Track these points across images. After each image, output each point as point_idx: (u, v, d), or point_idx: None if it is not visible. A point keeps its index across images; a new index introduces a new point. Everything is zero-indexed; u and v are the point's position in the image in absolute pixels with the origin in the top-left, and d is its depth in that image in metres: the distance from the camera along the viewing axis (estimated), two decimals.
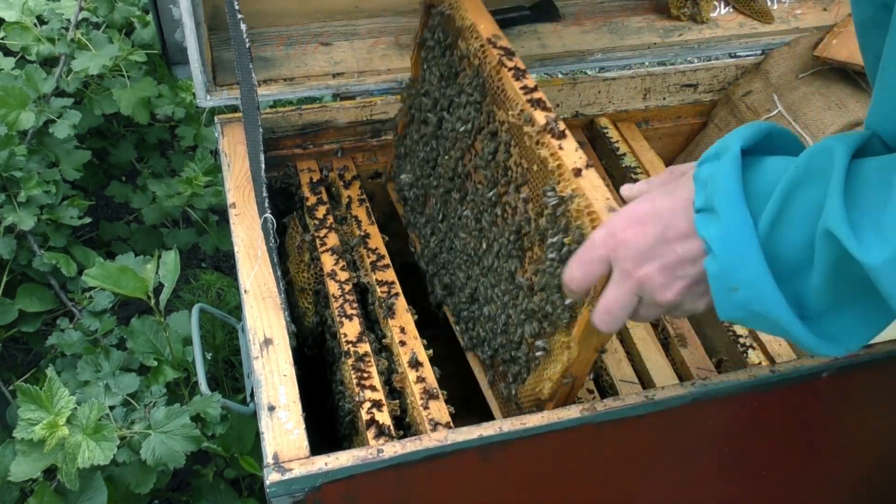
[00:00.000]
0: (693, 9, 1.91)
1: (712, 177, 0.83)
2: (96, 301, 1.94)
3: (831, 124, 1.69)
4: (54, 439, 1.36)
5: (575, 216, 1.09)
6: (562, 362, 1.15)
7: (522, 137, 1.22)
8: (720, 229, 0.81)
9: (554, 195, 1.13)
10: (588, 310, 1.06)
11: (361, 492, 1.11)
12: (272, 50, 1.76)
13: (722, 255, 0.81)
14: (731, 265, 0.81)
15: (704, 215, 0.84)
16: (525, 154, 1.22)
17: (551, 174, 1.15)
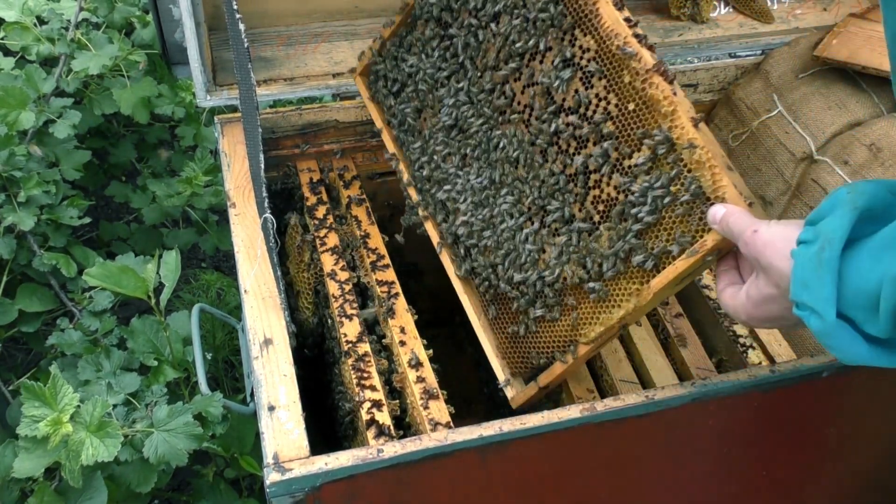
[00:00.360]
0: (693, 9, 1.91)
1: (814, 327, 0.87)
2: (96, 301, 1.94)
3: (831, 124, 1.69)
4: (58, 436, 1.36)
5: (693, 167, 1.07)
6: (626, 308, 1.15)
7: (620, 72, 1.16)
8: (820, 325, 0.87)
9: (664, 140, 1.10)
10: (686, 262, 1.07)
11: (361, 492, 1.11)
12: (272, 50, 1.76)
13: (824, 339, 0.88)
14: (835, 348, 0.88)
15: (805, 311, 0.88)
16: (618, 90, 1.16)
17: (662, 117, 1.11)
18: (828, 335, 0.85)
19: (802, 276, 0.86)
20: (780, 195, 1.74)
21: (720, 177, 1.06)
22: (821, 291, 0.84)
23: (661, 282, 1.11)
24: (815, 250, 0.85)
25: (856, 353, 0.86)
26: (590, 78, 1.20)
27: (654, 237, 1.13)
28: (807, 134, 1.71)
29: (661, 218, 1.12)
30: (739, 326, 1.50)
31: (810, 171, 1.68)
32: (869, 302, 0.81)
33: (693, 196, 1.07)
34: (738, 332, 1.49)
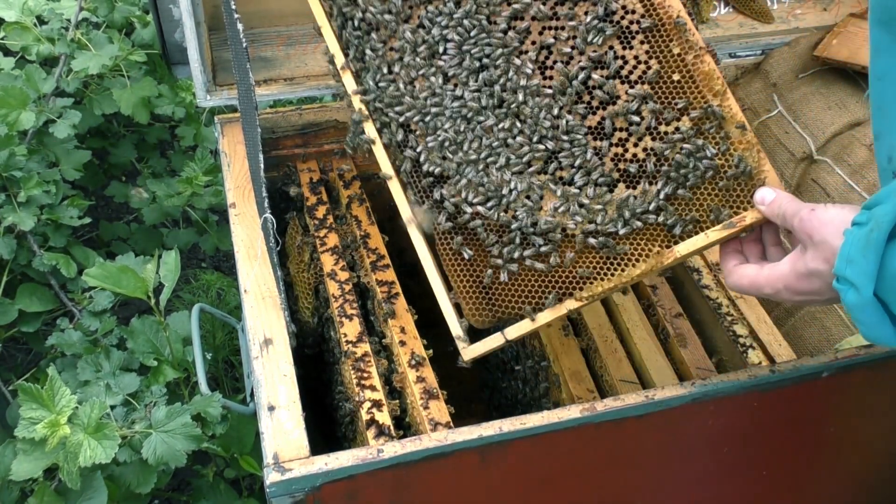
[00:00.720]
0: (693, 9, 1.90)
1: (851, 311, 0.94)
2: (96, 301, 1.94)
3: (831, 124, 1.69)
4: (56, 438, 1.36)
5: (743, 146, 1.13)
6: (641, 269, 1.16)
7: (668, 41, 1.18)
8: (856, 299, 0.93)
9: (714, 116, 1.14)
10: (720, 234, 1.13)
11: (361, 492, 1.11)
12: (272, 50, 1.76)
13: (857, 313, 0.94)
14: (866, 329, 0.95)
15: (845, 285, 0.94)
16: (663, 58, 1.19)
17: (713, 95, 1.15)
18: (861, 309, 0.91)
19: (849, 252, 0.92)
20: None
21: (765, 161, 1.13)
22: (864, 267, 0.90)
23: (687, 248, 1.15)
24: (866, 231, 0.91)
25: (882, 333, 0.92)
26: (630, 39, 1.20)
27: (686, 204, 1.16)
28: (807, 134, 1.71)
29: (699, 186, 1.15)
30: (739, 326, 1.50)
31: (810, 171, 1.68)
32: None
33: (740, 173, 1.13)
34: (738, 333, 1.49)
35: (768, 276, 1.07)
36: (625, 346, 1.51)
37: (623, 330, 1.53)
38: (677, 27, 1.17)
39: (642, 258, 1.17)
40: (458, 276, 1.26)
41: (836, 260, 0.94)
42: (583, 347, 1.52)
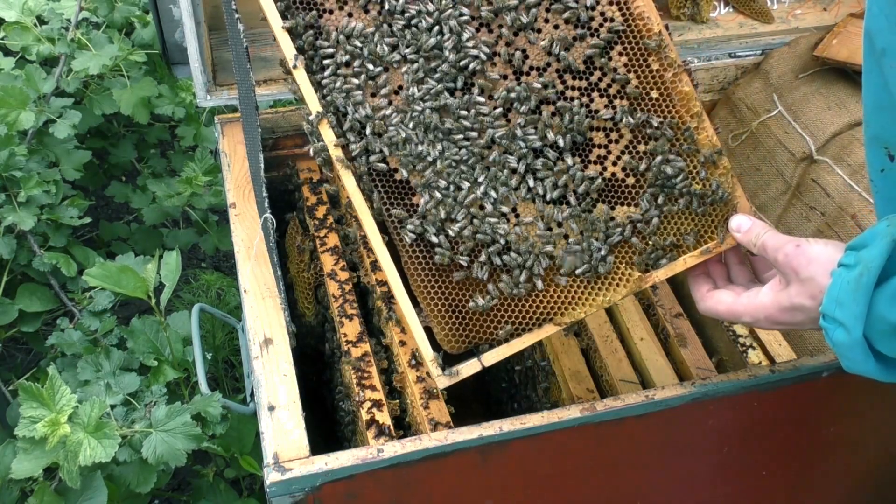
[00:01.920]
0: (693, 9, 1.91)
1: (837, 349, 0.97)
2: (96, 301, 1.94)
3: (831, 124, 1.69)
4: (56, 437, 1.36)
5: (720, 172, 1.14)
6: (619, 293, 1.16)
7: (647, 56, 1.16)
8: (845, 339, 0.96)
9: (690, 139, 1.14)
10: (696, 259, 1.14)
11: (361, 492, 1.11)
12: (272, 50, 1.76)
13: (844, 351, 0.97)
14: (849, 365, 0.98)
15: (832, 324, 0.97)
16: (641, 73, 1.16)
17: (689, 116, 1.15)
18: (849, 348, 0.94)
19: (839, 294, 0.95)
20: (780, 195, 1.74)
21: (738, 186, 1.14)
22: (854, 310, 0.93)
23: (665, 273, 1.15)
24: (856, 275, 0.93)
25: (866, 368, 0.96)
26: (608, 47, 1.16)
27: (663, 229, 1.16)
28: (807, 134, 1.71)
29: (675, 211, 1.16)
30: (739, 326, 1.50)
31: (810, 171, 1.68)
32: (890, 328, 0.91)
33: (718, 199, 1.14)
34: (738, 332, 1.49)
35: (747, 305, 1.09)
36: (625, 346, 1.51)
37: (623, 330, 1.53)
38: (659, 43, 1.15)
39: (623, 283, 1.15)
40: (428, 297, 1.14)
41: (825, 300, 0.96)
42: (583, 347, 1.52)
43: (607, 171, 1.16)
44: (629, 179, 1.16)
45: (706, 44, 1.91)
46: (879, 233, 0.94)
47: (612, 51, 1.16)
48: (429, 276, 1.15)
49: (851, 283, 0.93)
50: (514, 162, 1.15)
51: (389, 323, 1.39)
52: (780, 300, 1.05)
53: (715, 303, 1.13)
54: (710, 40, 1.91)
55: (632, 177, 1.16)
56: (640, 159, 1.16)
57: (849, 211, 1.59)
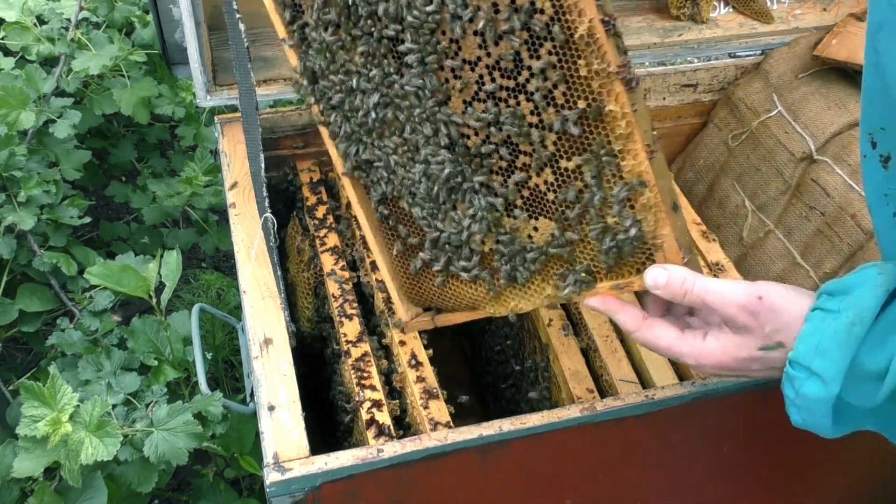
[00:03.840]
0: (693, 9, 1.91)
1: (805, 402, 0.89)
2: (97, 301, 1.94)
3: (831, 124, 1.69)
4: (57, 436, 1.36)
5: (638, 208, 0.95)
6: (534, 303, 1.09)
7: (576, 60, 0.92)
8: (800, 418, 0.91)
9: (611, 164, 0.95)
10: (610, 292, 1.01)
11: (361, 492, 1.11)
12: (272, 50, 1.76)
13: (797, 419, 0.92)
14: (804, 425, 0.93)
15: (789, 402, 0.91)
16: (569, 78, 0.94)
17: (616, 137, 0.93)
18: (820, 403, 0.86)
19: (822, 343, 0.85)
20: (780, 195, 1.74)
21: (664, 225, 0.95)
22: (838, 363, 0.84)
23: (580, 297, 1.05)
24: (845, 324, 0.85)
25: (821, 423, 0.89)
26: (538, 47, 0.94)
27: (578, 251, 1.04)
28: (806, 134, 1.71)
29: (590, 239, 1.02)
30: None
31: (810, 171, 1.68)
32: (864, 375, 0.84)
33: (630, 238, 0.97)
34: None
35: (692, 348, 0.97)
36: (625, 345, 1.51)
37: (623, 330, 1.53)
38: (586, 43, 0.91)
39: (534, 295, 1.09)
40: (386, 263, 1.20)
41: (799, 346, 0.87)
42: (583, 347, 1.52)
43: (531, 180, 1.02)
44: (549, 195, 1.02)
45: (706, 44, 1.92)
46: (869, 280, 0.87)
47: (542, 49, 0.93)
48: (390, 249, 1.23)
49: (840, 332, 0.84)
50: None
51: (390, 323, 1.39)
52: (736, 351, 0.94)
53: (654, 337, 1.00)
54: (710, 40, 1.91)
55: (551, 193, 1.02)
56: (561, 175, 1.00)
57: (849, 211, 1.59)
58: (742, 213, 1.81)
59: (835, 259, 1.60)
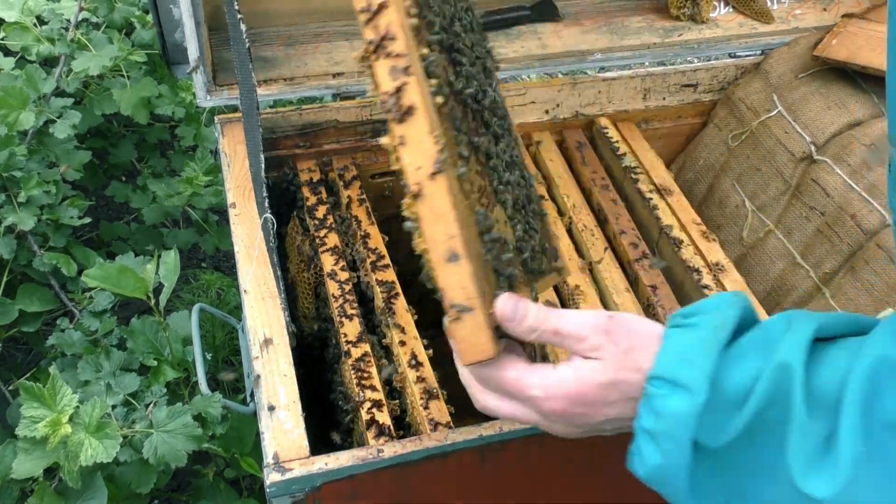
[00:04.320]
0: (693, 9, 1.91)
1: (666, 423, 0.81)
2: (96, 301, 1.94)
3: (831, 124, 1.69)
4: (57, 437, 1.36)
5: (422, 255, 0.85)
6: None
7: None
8: (657, 460, 0.82)
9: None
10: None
11: (361, 492, 1.11)
12: (272, 50, 1.76)
13: (650, 474, 0.84)
14: (654, 481, 0.85)
15: (646, 435, 0.83)
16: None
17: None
18: (680, 420, 0.78)
19: (685, 352, 0.80)
20: (780, 195, 1.74)
21: (436, 277, 0.83)
22: (704, 368, 0.78)
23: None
24: (712, 327, 0.81)
25: (677, 457, 0.80)
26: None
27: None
28: (807, 134, 1.71)
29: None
30: None
31: (810, 171, 1.68)
32: (726, 400, 0.78)
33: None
34: None
35: (542, 378, 0.87)
36: None
37: None
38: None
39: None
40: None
41: (659, 362, 0.80)
42: None
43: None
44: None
45: (706, 44, 1.92)
46: (724, 299, 0.84)
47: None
48: None
49: (704, 339, 0.80)
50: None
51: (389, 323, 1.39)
52: (593, 376, 0.85)
53: (503, 366, 0.89)
54: (710, 40, 1.91)
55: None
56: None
57: (849, 211, 1.59)
58: (742, 213, 1.81)
59: (835, 259, 1.60)
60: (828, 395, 0.73)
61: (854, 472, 0.70)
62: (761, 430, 0.77)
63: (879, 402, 0.69)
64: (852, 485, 0.70)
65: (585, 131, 1.88)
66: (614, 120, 1.88)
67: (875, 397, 0.69)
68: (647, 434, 0.82)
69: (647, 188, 1.71)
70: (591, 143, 1.87)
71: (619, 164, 1.78)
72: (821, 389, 0.74)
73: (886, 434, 0.69)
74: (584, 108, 1.86)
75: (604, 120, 1.87)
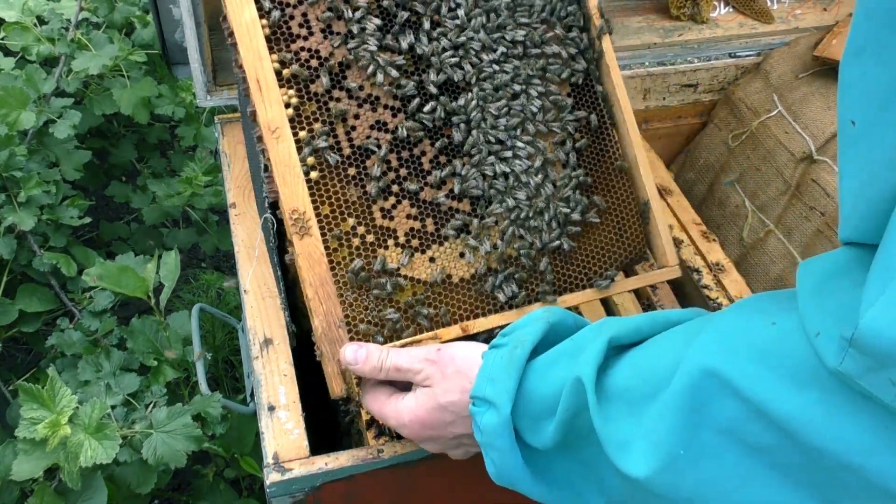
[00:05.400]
0: (693, 9, 1.91)
1: (488, 436, 0.89)
2: (96, 301, 1.94)
3: (831, 124, 1.69)
4: (56, 438, 1.36)
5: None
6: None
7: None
8: (493, 469, 0.92)
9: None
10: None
11: (361, 492, 1.11)
12: None
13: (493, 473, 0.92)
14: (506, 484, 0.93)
15: (483, 446, 0.91)
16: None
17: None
18: (497, 432, 0.87)
19: (491, 372, 0.89)
20: (780, 195, 1.74)
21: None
22: (505, 384, 0.87)
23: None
24: (508, 349, 0.89)
25: (512, 463, 0.89)
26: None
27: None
28: (807, 134, 1.71)
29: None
30: None
31: (810, 171, 1.68)
32: (537, 405, 0.86)
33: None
34: None
35: (394, 407, 1.00)
36: None
37: None
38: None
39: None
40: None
41: (476, 382, 0.90)
42: None
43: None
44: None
45: (706, 44, 1.92)
46: (533, 316, 0.93)
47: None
48: None
49: (504, 357, 0.89)
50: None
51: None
52: (427, 401, 0.96)
53: (371, 398, 1.04)
54: (710, 40, 1.91)
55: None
56: None
57: None
58: (742, 213, 1.81)
59: None
60: (630, 394, 0.78)
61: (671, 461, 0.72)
62: (577, 434, 0.84)
63: (707, 413, 0.71)
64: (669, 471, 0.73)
65: None
66: None
67: (701, 408, 0.71)
68: (482, 446, 0.90)
69: None
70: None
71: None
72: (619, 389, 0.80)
73: (719, 438, 0.70)
74: None
75: None
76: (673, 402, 0.72)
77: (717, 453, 0.70)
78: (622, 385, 0.79)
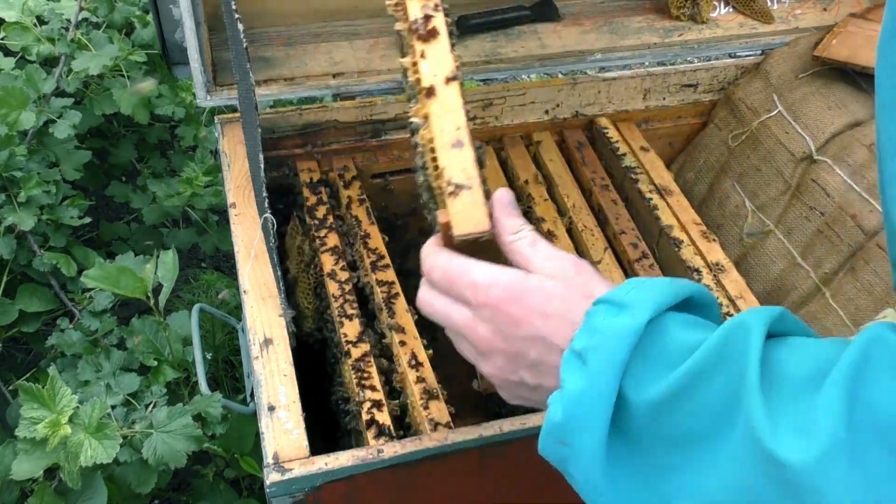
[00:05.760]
0: (693, 9, 1.91)
1: (602, 338, 0.72)
2: (96, 301, 1.94)
3: (831, 124, 1.69)
4: (56, 438, 1.36)
5: (423, 145, 0.92)
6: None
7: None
8: (581, 386, 0.72)
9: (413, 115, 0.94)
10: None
11: (361, 492, 1.11)
12: (272, 50, 1.76)
13: (568, 410, 0.74)
14: (571, 427, 0.74)
15: (575, 359, 0.73)
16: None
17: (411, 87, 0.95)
18: (618, 336, 0.70)
19: (642, 284, 0.74)
20: (780, 195, 1.73)
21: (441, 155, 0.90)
22: (653, 292, 0.72)
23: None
24: (669, 282, 0.75)
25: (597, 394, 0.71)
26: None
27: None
28: (807, 134, 1.71)
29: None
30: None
31: (810, 171, 1.68)
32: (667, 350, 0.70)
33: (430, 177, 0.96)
34: None
35: (490, 268, 0.81)
36: None
37: None
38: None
39: None
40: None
41: (612, 291, 0.74)
42: None
43: None
44: None
45: (706, 44, 1.91)
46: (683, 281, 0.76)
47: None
48: None
49: (662, 282, 0.74)
50: None
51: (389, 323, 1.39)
52: (541, 282, 0.78)
53: (452, 255, 0.84)
54: (710, 40, 1.91)
55: None
56: None
57: (849, 211, 1.59)
58: (742, 213, 1.81)
59: (835, 259, 1.60)
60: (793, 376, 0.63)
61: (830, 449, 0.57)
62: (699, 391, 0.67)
63: (865, 388, 0.57)
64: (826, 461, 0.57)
65: (585, 131, 1.88)
66: (614, 120, 1.88)
67: (861, 379, 0.58)
68: (577, 358, 0.72)
69: (646, 188, 1.71)
70: (590, 142, 1.87)
71: (619, 165, 1.78)
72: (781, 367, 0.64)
73: (869, 435, 0.57)
74: (584, 108, 1.86)
75: (604, 120, 1.87)
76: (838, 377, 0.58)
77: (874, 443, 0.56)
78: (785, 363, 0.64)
